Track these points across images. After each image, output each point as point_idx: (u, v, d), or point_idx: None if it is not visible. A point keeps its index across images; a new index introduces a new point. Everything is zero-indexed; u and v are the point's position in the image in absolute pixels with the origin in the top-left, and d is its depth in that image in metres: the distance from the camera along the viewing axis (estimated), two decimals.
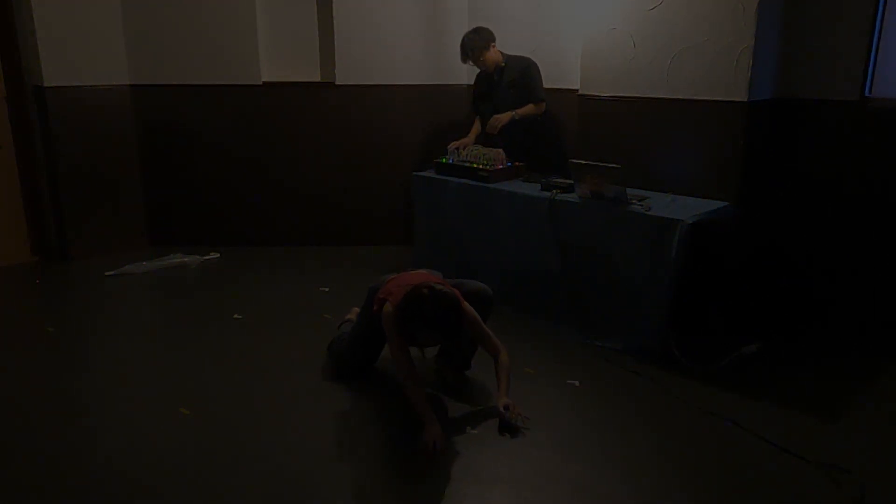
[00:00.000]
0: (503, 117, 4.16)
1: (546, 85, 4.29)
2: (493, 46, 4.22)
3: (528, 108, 4.20)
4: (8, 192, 4.81)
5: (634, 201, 3.43)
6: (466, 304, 2.82)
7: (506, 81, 4.27)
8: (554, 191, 3.71)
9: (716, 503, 2.35)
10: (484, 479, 2.46)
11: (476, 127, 4.51)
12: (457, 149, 4.31)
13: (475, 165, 4.11)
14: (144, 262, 4.75)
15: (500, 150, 4.14)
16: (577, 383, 3.15)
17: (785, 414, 2.87)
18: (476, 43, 4.17)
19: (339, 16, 4.91)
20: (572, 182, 3.65)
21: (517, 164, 4.12)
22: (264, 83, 5.01)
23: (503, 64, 4.27)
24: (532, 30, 4.60)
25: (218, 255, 4.98)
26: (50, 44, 4.58)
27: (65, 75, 4.68)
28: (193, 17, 4.85)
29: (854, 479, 2.42)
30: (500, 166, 4.06)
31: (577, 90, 4.18)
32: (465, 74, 5.10)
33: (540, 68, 4.26)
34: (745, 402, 2.96)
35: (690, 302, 3.34)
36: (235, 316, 3.93)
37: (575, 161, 3.58)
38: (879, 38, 3.45)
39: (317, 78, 5.17)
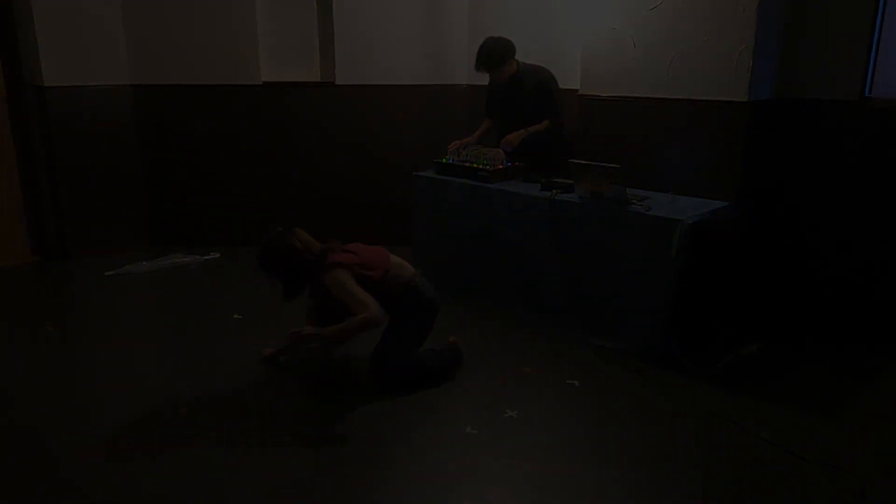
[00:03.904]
0: (515, 139, 4.10)
1: None
2: (511, 60, 4.08)
3: (542, 125, 4.12)
4: (8, 192, 4.81)
5: (634, 201, 3.43)
6: (335, 272, 2.91)
7: (523, 93, 4.13)
8: (554, 191, 3.71)
9: (716, 503, 2.35)
10: (484, 479, 2.46)
11: (483, 128, 4.48)
12: (457, 149, 4.31)
13: (475, 165, 4.11)
14: (144, 262, 4.76)
15: (500, 151, 4.13)
16: (577, 383, 3.15)
17: (785, 414, 2.87)
18: (496, 56, 4.01)
19: (339, 16, 4.91)
20: (572, 182, 3.65)
21: (517, 164, 4.12)
22: (264, 83, 5.02)
23: (518, 75, 4.12)
24: (532, 30, 4.60)
25: (218, 255, 4.98)
26: (50, 44, 4.58)
27: (65, 75, 4.68)
28: (193, 16, 4.85)
29: (854, 479, 2.42)
30: (500, 166, 4.06)
31: (577, 90, 4.18)
32: (465, 74, 5.11)
33: (557, 80, 4.16)
34: (745, 402, 2.96)
35: (690, 302, 3.34)
36: (235, 316, 3.93)
37: (575, 161, 3.58)
38: (879, 38, 3.45)
39: (317, 78, 5.17)
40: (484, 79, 4.39)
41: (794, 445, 2.61)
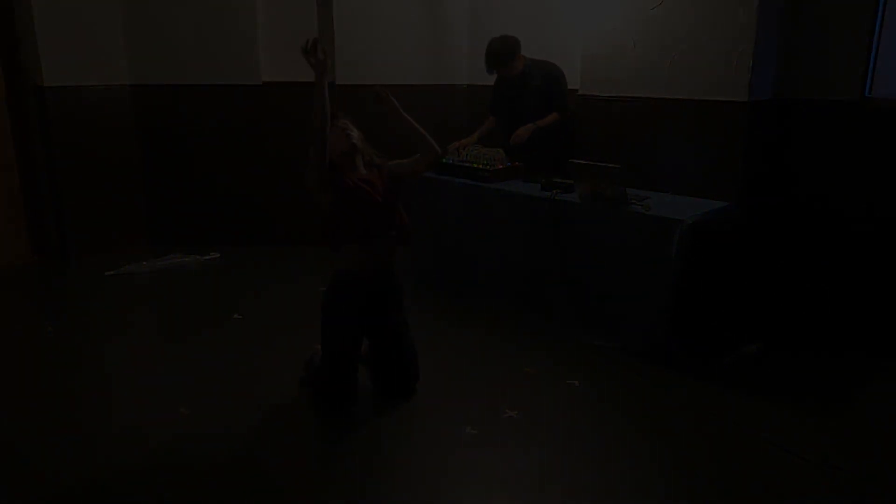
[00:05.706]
0: (525, 132, 4.10)
1: None
2: (519, 55, 4.11)
3: (551, 118, 4.13)
4: (8, 192, 4.81)
5: (634, 201, 3.43)
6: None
7: (530, 88, 4.16)
8: (554, 191, 3.71)
9: (715, 503, 2.35)
10: (484, 479, 2.46)
11: (485, 126, 4.47)
12: (457, 149, 4.31)
13: (475, 165, 4.11)
14: (144, 262, 4.76)
15: (500, 150, 4.13)
16: (577, 383, 3.15)
17: (785, 414, 2.87)
18: (504, 53, 4.06)
19: (339, 15, 4.91)
20: (572, 182, 3.65)
21: (517, 163, 4.12)
22: (264, 83, 5.02)
23: (526, 70, 4.15)
24: (532, 30, 4.59)
25: (218, 255, 4.98)
26: (50, 44, 4.58)
27: (65, 75, 4.68)
28: (193, 16, 4.85)
29: (854, 479, 2.42)
30: (501, 166, 4.06)
31: (577, 90, 4.18)
32: (465, 74, 5.11)
33: (565, 75, 4.17)
34: (745, 401, 2.96)
35: (691, 302, 3.34)
36: (235, 316, 3.93)
37: (575, 161, 3.58)
38: (879, 38, 3.46)
39: None
40: (486, 78, 4.39)
41: (794, 445, 2.61)
